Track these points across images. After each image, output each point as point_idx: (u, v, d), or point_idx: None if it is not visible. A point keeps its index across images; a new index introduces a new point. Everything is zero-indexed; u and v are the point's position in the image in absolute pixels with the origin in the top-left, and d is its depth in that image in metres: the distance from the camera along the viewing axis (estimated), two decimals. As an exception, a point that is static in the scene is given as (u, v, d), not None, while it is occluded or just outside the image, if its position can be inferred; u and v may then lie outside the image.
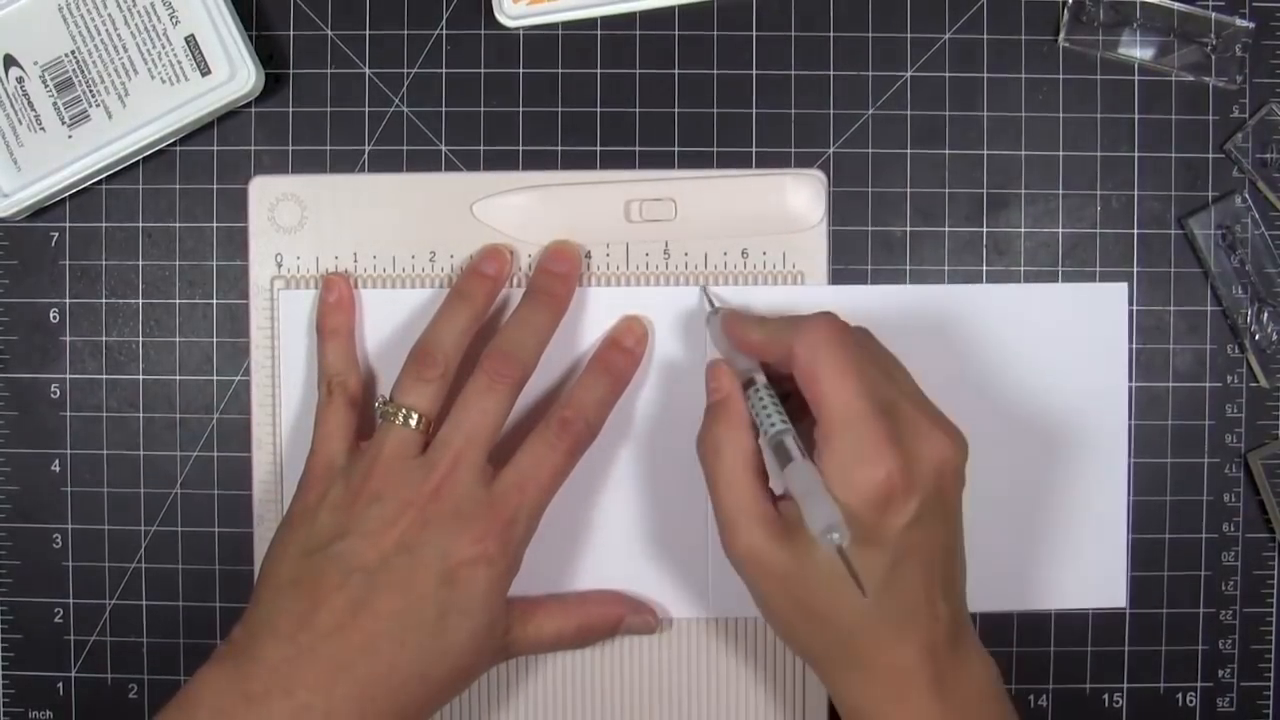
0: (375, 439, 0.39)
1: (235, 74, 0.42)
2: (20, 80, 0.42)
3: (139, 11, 0.42)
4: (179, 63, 0.42)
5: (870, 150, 0.44)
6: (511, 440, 0.40)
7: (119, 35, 0.42)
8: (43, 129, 0.42)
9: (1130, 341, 0.44)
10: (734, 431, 0.37)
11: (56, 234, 0.44)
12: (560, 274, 0.42)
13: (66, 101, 0.42)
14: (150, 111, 0.42)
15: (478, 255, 0.43)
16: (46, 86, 0.42)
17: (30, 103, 0.42)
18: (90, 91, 0.42)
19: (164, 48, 0.42)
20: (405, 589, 0.36)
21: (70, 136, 0.42)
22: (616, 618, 0.42)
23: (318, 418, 0.41)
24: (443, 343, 0.40)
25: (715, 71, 0.44)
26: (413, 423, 0.38)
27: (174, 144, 0.44)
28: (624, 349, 0.42)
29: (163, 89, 0.42)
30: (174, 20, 0.42)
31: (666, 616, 0.44)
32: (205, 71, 0.42)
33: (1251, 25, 0.44)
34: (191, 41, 0.42)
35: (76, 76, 0.42)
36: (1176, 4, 0.43)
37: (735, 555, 0.36)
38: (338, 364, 0.42)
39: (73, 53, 0.42)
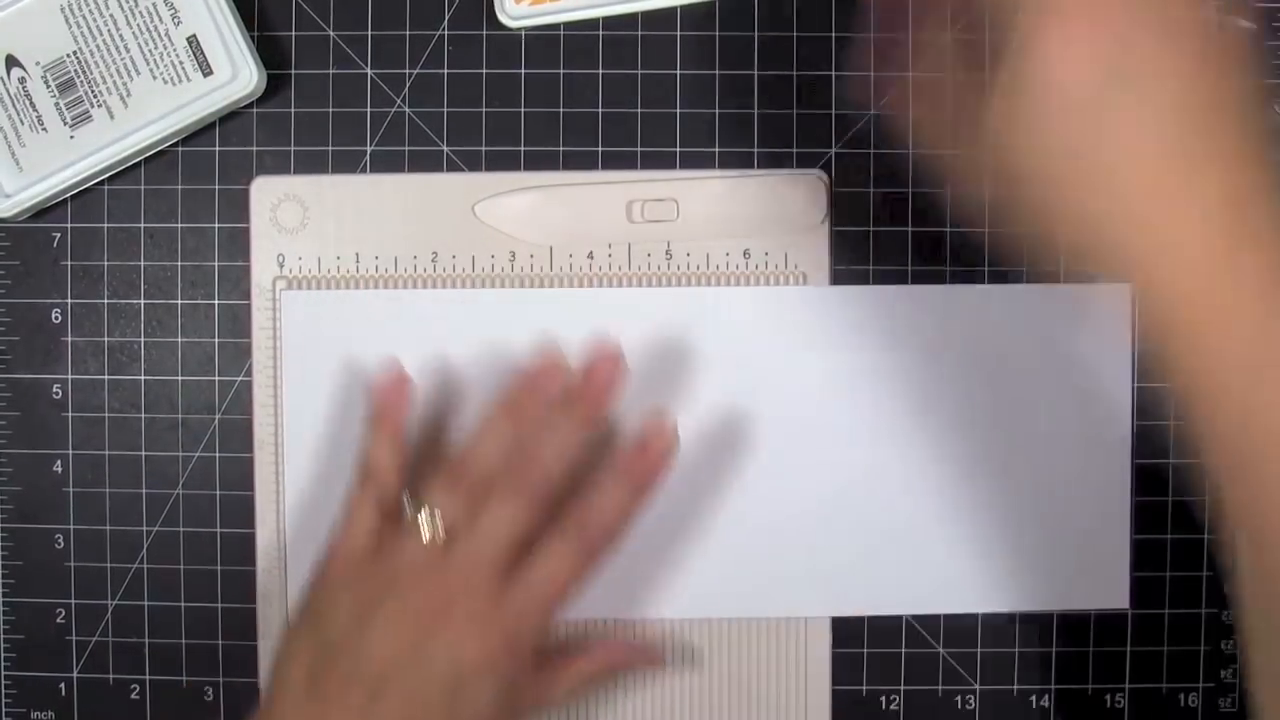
0: (398, 542, 0.38)
1: (237, 74, 0.42)
2: (22, 80, 0.42)
3: (141, 12, 0.42)
4: (181, 63, 0.42)
5: (872, 151, 0.44)
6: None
7: (121, 35, 0.42)
8: (44, 129, 0.42)
9: (1134, 342, 0.44)
10: None
11: (58, 234, 0.44)
12: (605, 385, 0.40)
13: (68, 102, 0.42)
14: (152, 112, 0.42)
15: (535, 365, 0.41)
16: (48, 87, 0.42)
17: (32, 103, 0.42)
18: (92, 92, 0.42)
19: (166, 48, 0.42)
20: (415, 697, 0.36)
21: (72, 137, 0.42)
22: (620, 664, 0.43)
23: (346, 505, 0.40)
24: (482, 457, 0.39)
25: (717, 72, 0.44)
26: (439, 529, 0.38)
27: (176, 144, 0.44)
28: (651, 454, 0.40)
29: (165, 89, 0.42)
30: (176, 21, 0.42)
31: (665, 647, 0.44)
32: (207, 72, 0.42)
33: (1253, 26, 0.44)
34: (193, 42, 0.42)
35: (78, 77, 0.42)
36: (1178, 4, 0.43)
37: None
38: (383, 459, 0.40)
39: (75, 53, 0.42)
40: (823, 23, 0.44)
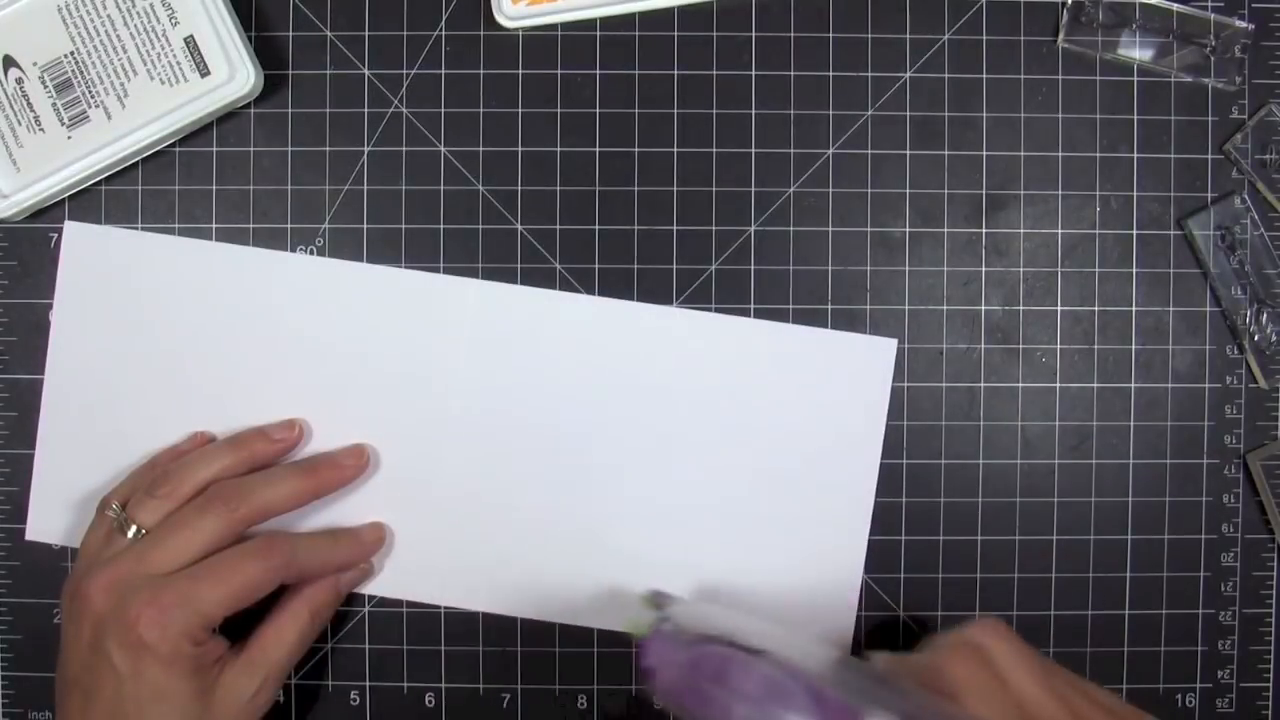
0: (114, 540, 0.40)
1: (235, 75, 0.42)
2: (19, 81, 0.42)
3: (138, 12, 0.42)
4: (178, 64, 0.42)
5: (870, 151, 0.44)
6: None
7: (118, 36, 0.42)
8: (42, 130, 0.42)
9: (1133, 342, 0.44)
10: None
11: (55, 234, 0.44)
12: (337, 462, 0.43)
13: (66, 102, 0.42)
14: (149, 112, 0.42)
15: (274, 423, 0.43)
16: (46, 87, 0.42)
17: (29, 104, 0.42)
18: (89, 92, 0.42)
19: (163, 48, 0.42)
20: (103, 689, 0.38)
21: (70, 137, 0.42)
22: (326, 601, 0.42)
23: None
24: (192, 472, 0.40)
25: (715, 72, 0.44)
26: (131, 533, 0.40)
27: (173, 145, 0.44)
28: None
29: (162, 90, 0.42)
30: (173, 21, 0.42)
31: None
32: (205, 72, 0.42)
33: (1250, 26, 0.44)
34: (191, 42, 0.42)
35: (75, 77, 0.42)
36: (1175, 5, 0.43)
37: None
38: (123, 490, 0.42)
39: (72, 54, 0.42)
40: (819, 24, 0.44)
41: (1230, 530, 0.44)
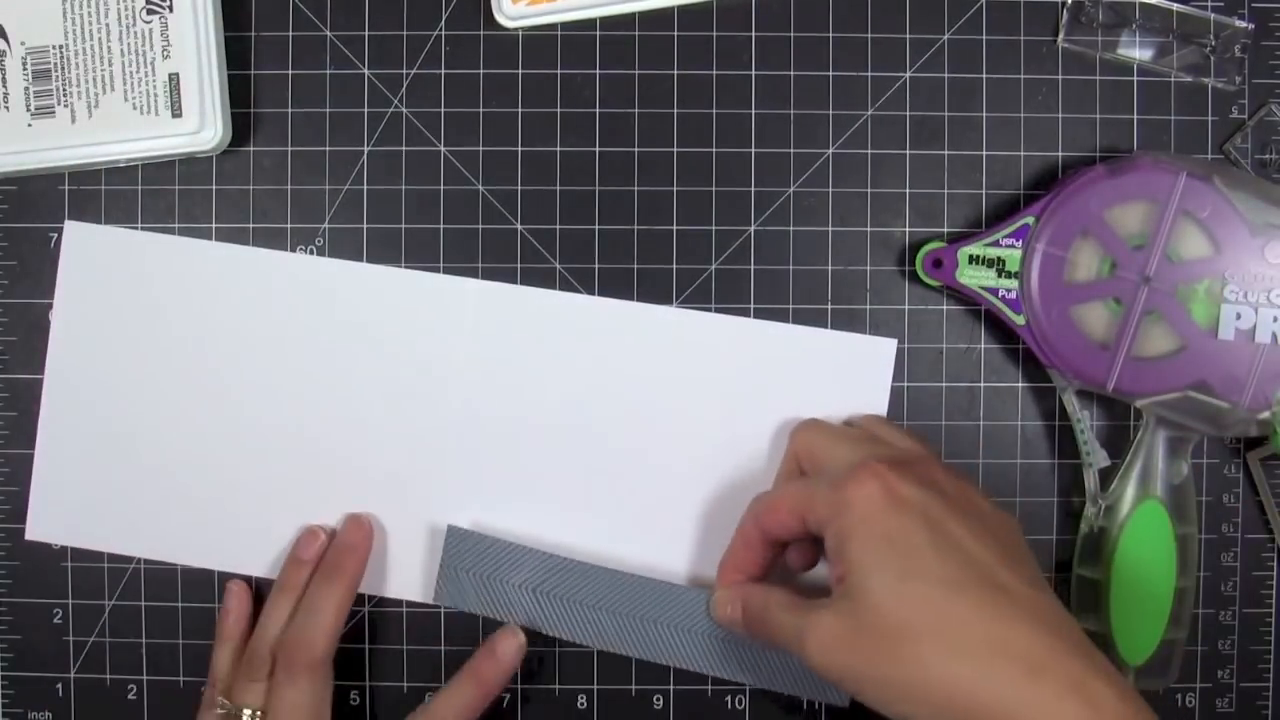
0: None
1: (203, 128, 0.42)
2: (1, 54, 0.42)
3: (137, 33, 0.41)
4: (155, 96, 0.41)
5: (869, 151, 0.44)
6: None
7: (109, 48, 0.41)
8: (6, 109, 0.42)
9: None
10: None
11: (55, 235, 0.44)
12: (350, 545, 0.43)
13: (38, 91, 0.42)
14: (113, 132, 0.42)
15: (294, 542, 0.43)
16: (25, 70, 0.42)
17: (4, 79, 0.42)
18: (64, 90, 0.42)
19: (146, 76, 0.41)
20: None
21: (30, 125, 0.42)
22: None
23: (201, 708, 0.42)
24: (267, 641, 0.41)
25: (714, 72, 0.44)
26: (247, 717, 0.41)
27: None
28: (497, 658, 0.42)
29: (132, 115, 0.42)
30: (165, 54, 0.41)
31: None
32: (176, 114, 0.41)
33: (1250, 26, 0.44)
34: (174, 80, 0.41)
35: (56, 71, 0.42)
36: (1175, 5, 0.43)
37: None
38: (220, 667, 0.43)
39: (61, 47, 0.42)
40: (820, 23, 0.44)
41: (1230, 530, 0.44)
